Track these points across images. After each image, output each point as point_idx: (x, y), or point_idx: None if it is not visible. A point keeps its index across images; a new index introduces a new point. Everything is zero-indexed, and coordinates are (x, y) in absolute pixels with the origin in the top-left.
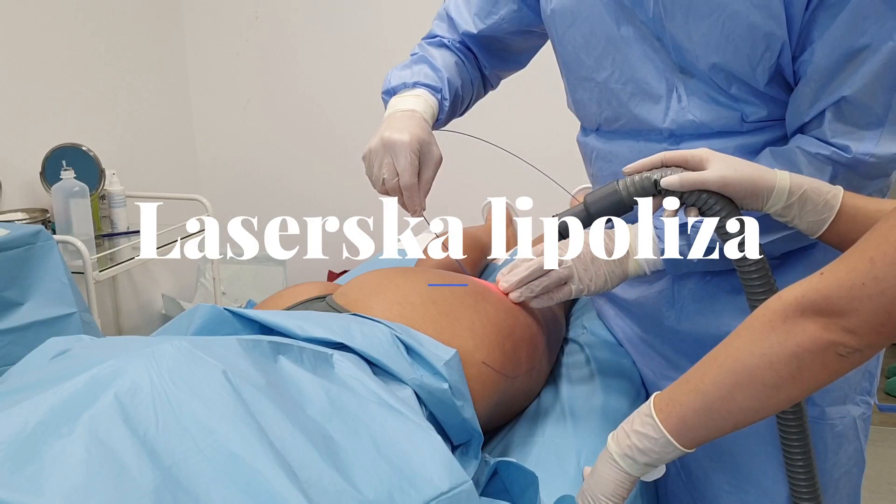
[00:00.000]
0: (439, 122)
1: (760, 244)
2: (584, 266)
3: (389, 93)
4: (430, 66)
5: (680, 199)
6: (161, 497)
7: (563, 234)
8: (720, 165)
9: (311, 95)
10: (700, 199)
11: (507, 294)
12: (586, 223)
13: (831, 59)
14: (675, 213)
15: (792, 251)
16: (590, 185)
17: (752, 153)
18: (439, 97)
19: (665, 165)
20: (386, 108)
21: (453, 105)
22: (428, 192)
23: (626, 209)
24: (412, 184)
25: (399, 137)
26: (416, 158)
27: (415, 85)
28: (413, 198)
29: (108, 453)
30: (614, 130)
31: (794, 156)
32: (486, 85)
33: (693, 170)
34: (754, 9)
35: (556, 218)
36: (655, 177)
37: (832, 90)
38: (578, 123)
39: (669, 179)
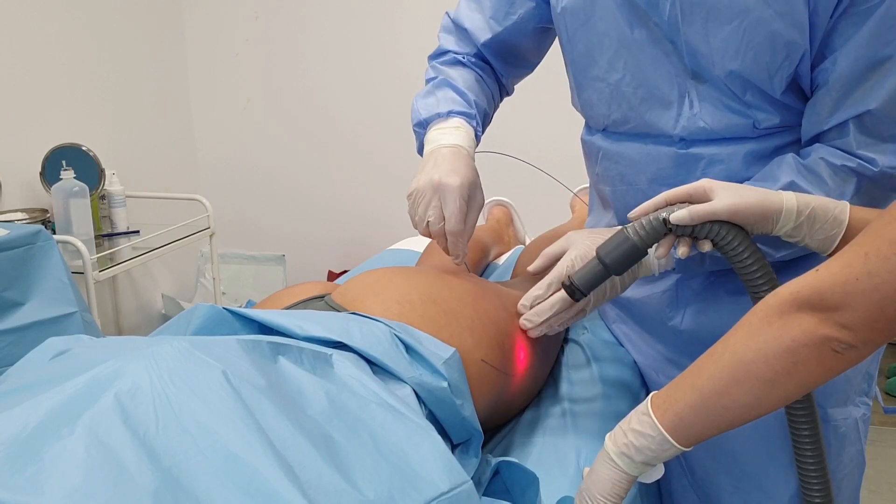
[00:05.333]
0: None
1: (777, 257)
2: (601, 289)
3: (423, 125)
4: (456, 91)
5: (691, 233)
6: (161, 497)
7: (580, 291)
8: (726, 194)
9: (310, 95)
10: (712, 231)
11: (526, 331)
12: (604, 276)
13: (854, 69)
14: (688, 252)
15: (796, 254)
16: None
17: (761, 158)
18: (474, 124)
19: (669, 203)
20: (418, 140)
21: (483, 126)
22: (471, 237)
23: (641, 254)
24: (460, 230)
25: (450, 181)
26: (465, 204)
27: (449, 115)
28: (458, 244)
29: (108, 454)
30: (622, 132)
31: (817, 167)
32: (503, 93)
33: (699, 202)
34: (778, 17)
35: (568, 280)
36: (663, 215)
37: (855, 100)
38: (580, 122)
39: (678, 215)
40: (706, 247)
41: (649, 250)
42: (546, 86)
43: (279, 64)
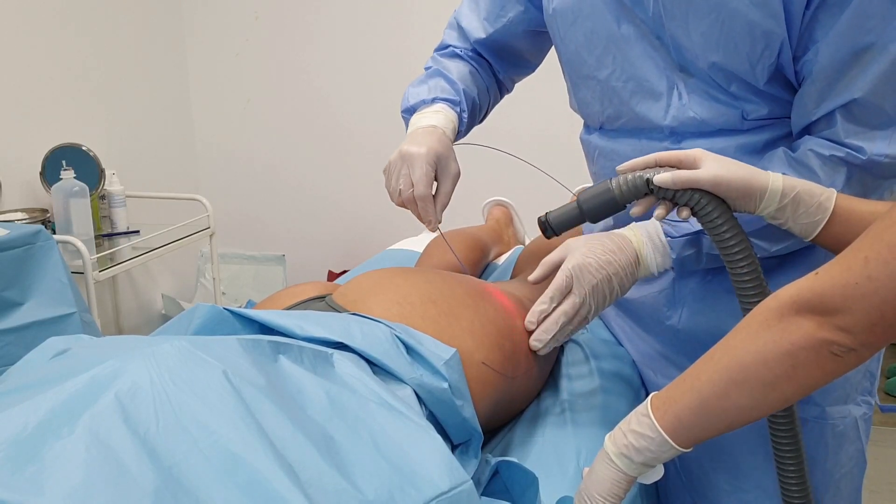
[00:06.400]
0: (460, 134)
1: (771, 251)
2: (601, 295)
3: (409, 111)
4: (446, 80)
5: (672, 198)
6: (161, 497)
7: (552, 229)
8: (713, 164)
9: (311, 95)
10: (692, 199)
11: (536, 351)
12: (579, 221)
13: (836, 59)
14: (665, 215)
15: (791, 253)
16: (591, 185)
17: (753, 153)
18: (458, 110)
19: (659, 165)
20: (407, 126)
21: (472, 115)
22: (446, 206)
23: (618, 208)
24: (426, 194)
25: (416, 150)
26: (431, 170)
27: (433, 101)
28: (427, 209)
29: (108, 453)
30: (616, 129)
31: (807, 159)
32: (502, 89)
33: (687, 169)
34: (753, 7)
35: (544, 217)
36: (648, 175)
37: (840, 90)
38: (579, 121)
39: (662, 177)
40: (684, 213)
41: (627, 205)
42: (546, 85)
43: (279, 64)
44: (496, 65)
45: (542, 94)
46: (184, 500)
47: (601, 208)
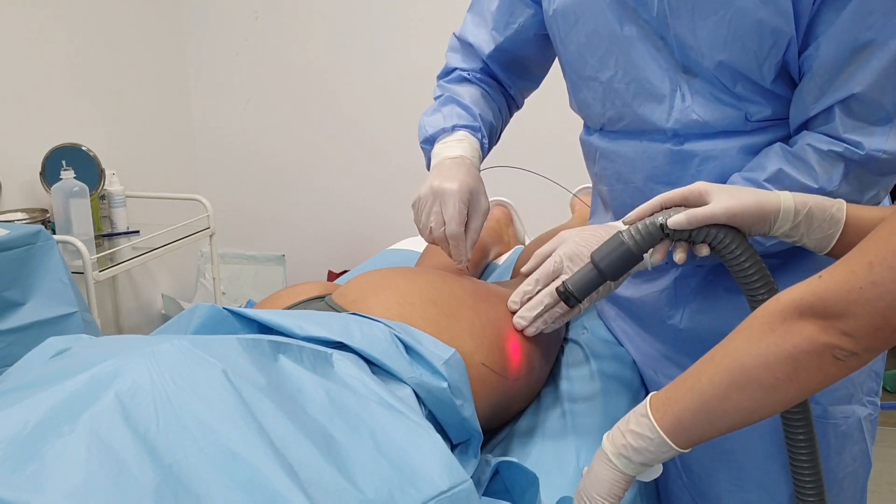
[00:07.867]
0: (481, 160)
1: (767, 246)
2: None
3: (429, 141)
4: (461, 106)
5: (688, 238)
6: (162, 496)
7: (574, 297)
8: (723, 197)
9: (310, 95)
10: (710, 235)
11: (522, 330)
12: (599, 282)
13: (837, 54)
14: (685, 258)
15: (794, 254)
16: (590, 185)
17: (755, 153)
18: (479, 136)
19: (665, 207)
20: (426, 156)
21: (490, 139)
22: (475, 242)
23: (636, 259)
24: (459, 233)
25: (449, 186)
26: (464, 208)
27: (454, 129)
28: (459, 247)
29: (108, 452)
30: (618, 130)
31: (804, 154)
32: (512, 107)
33: (694, 206)
34: (761, 5)
35: (563, 286)
36: (660, 220)
37: (839, 85)
38: (579, 121)
39: (676, 220)
40: (703, 251)
41: (644, 255)
42: (546, 85)
43: (279, 64)
44: (506, 80)
45: (544, 93)
46: (184, 498)
47: (618, 263)
